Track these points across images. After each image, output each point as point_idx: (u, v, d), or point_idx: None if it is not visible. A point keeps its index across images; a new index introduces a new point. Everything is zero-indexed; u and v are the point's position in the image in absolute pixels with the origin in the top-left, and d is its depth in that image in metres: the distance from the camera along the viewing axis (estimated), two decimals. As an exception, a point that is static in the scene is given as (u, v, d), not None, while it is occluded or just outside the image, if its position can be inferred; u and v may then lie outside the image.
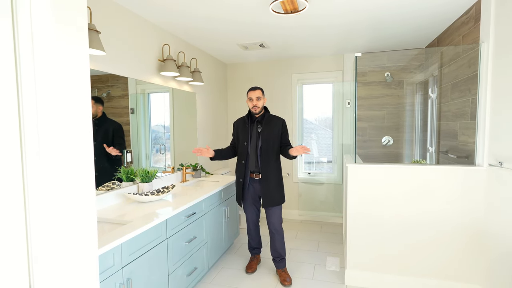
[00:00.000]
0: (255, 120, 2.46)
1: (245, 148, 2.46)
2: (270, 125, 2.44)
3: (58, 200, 0.94)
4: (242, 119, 2.56)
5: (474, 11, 2.18)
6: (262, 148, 2.40)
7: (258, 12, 2.31)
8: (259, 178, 2.44)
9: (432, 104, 3.10)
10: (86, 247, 1.06)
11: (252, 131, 2.46)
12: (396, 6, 2.25)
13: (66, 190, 0.98)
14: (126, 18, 2.22)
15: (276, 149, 2.44)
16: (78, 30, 1.01)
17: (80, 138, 1.03)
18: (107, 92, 2.14)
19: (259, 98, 2.41)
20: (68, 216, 0.98)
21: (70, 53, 0.98)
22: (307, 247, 3.10)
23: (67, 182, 0.98)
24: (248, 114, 2.51)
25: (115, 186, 2.17)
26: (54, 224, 0.93)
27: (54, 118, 0.93)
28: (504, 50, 1.80)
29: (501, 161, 1.81)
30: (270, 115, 2.49)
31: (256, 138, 2.43)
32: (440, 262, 2.15)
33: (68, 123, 0.98)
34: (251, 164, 2.45)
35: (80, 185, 1.03)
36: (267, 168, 2.40)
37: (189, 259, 2.14)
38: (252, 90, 2.43)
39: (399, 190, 2.19)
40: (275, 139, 2.43)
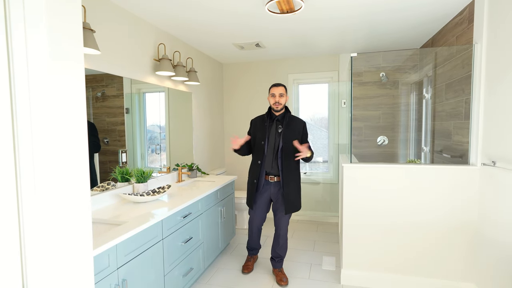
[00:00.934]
0: (275, 119, 2.35)
1: (261, 148, 2.33)
2: (291, 126, 2.34)
3: (53, 201, 0.93)
4: (261, 117, 2.45)
5: (467, 12, 2.20)
6: (284, 149, 2.28)
7: (254, 12, 2.31)
8: (274, 181, 2.35)
9: (426, 104, 3.12)
10: (80, 248, 1.05)
11: (271, 130, 2.35)
12: (391, 9, 2.27)
13: (61, 191, 0.97)
14: (121, 17, 2.20)
15: (297, 151, 2.31)
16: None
17: (75, 141, 1.02)
18: (102, 92, 2.12)
19: (282, 95, 2.30)
20: (63, 217, 0.97)
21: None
22: (303, 246, 3.11)
23: (61, 183, 0.97)
24: (268, 112, 2.41)
25: (110, 186, 2.15)
26: (48, 225, 0.92)
27: (48, 119, 0.92)
28: (497, 51, 1.82)
29: (494, 161, 1.83)
30: (291, 115, 2.39)
31: (275, 138, 2.32)
32: (436, 261, 2.16)
33: (62, 125, 0.97)
34: (267, 165, 2.34)
35: (75, 186, 1.02)
36: (289, 171, 2.29)
37: (185, 260, 2.13)
38: (275, 86, 2.33)
39: (394, 190, 2.21)
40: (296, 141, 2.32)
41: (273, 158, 2.32)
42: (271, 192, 2.39)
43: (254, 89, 4.07)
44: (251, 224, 2.52)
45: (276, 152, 2.32)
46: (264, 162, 2.33)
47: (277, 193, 2.37)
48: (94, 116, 2.07)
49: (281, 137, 2.30)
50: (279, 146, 2.30)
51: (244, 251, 2.97)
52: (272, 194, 2.39)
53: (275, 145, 2.32)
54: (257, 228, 2.53)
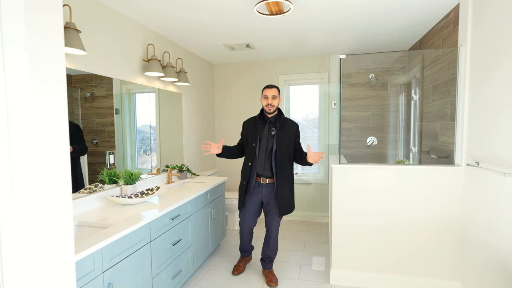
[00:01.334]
0: (267, 121, 2.33)
1: (253, 150, 2.32)
2: (285, 128, 2.32)
3: (31, 206, 0.91)
4: (253, 118, 2.43)
5: (453, 16, 2.24)
6: (278, 151, 2.27)
7: (244, 12, 2.31)
8: (266, 182, 2.33)
9: (415, 105, 3.17)
10: (61, 253, 1.03)
11: (263, 132, 2.33)
12: (378, 12, 2.29)
13: (40, 196, 0.95)
14: (108, 17, 2.17)
15: (291, 154, 2.33)
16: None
17: (55, 145, 1.00)
18: (91, 92, 2.09)
19: (274, 97, 2.28)
20: (43, 222, 0.95)
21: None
22: (293, 247, 3.12)
23: (41, 188, 0.95)
24: (260, 114, 2.39)
25: (97, 188, 2.12)
26: (26, 230, 0.90)
27: (27, 123, 0.90)
28: (481, 54, 1.86)
29: (478, 161, 1.87)
30: (284, 117, 2.37)
31: (267, 140, 2.30)
32: (423, 260, 2.20)
33: (41, 126, 0.95)
34: (259, 166, 2.31)
35: (55, 190, 1.00)
36: (283, 174, 2.28)
37: (173, 262, 2.12)
38: (268, 88, 2.30)
39: (382, 190, 2.23)
40: (290, 143, 2.32)
41: (265, 160, 2.30)
42: (263, 194, 2.36)
43: (245, 90, 4.07)
44: (242, 226, 2.50)
45: (269, 154, 2.30)
46: (255, 164, 2.31)
47: (269, 194, 2.35)
48: (83, 117, 2.03)
49: (275, 139, 2.28)
50: (272, 149, 2.29)
51: (235, 252, 2.97)
52: (264, 196, 2.37)
53: (267, 147, 2.30)
54: (247, 231, 2.51)
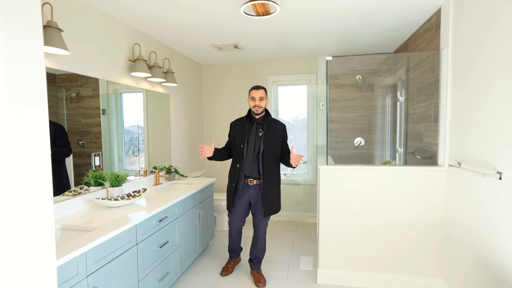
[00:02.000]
0: (255, 122, 2.33)
1: (240, 151, 2.32)
2: (272, 129, 2.32)
3: (7, 208, 0.89)
4: (241, 120, 2.43)
5: (435, 19, 2.30)
6: (265, 153, 2.28)
7: (230, 13, 2.31)
8: (253, 184, 2.34)
9: (400, 106, 3.23)
10: (42, 258, 1.01)
11: (251, 133, 2.33)
12: (363, 14, 2.33)
13: (18, 197, 0.92)
14: (92, 16, 2.14)
15: (277, 155, 2.34)
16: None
17: (35, 143, 0.98)
18: (77, 92, 2.05)
19: (262, 98, 2.27)
20: (20, 226, 0.93)
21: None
22: (282, 247, 3.13)
23: (19, 192, 0.93)
24: (247, 115, 2.38)
25: (82, 191, 2.09)
26: (2, 235, 0.88)
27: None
28: (460, 57, 1.92)
29: (459, 162, 1.92)
30: (272, 118, 2.38)
31: (255, 141, 2.30)
32: (408, 258, 2.24)
33: (19, 124, 0.93)
34: (246, 168, 2.32)
35: (34, 191, 0.98)
36: (270, 175, 2.29)
37: (160, 264, 2.10)
38: (255, 89, 2.29)
39: (368, 191, 2.27)
40: (277, 144, 2.33)
41: (253, 161, 2.31)
42: (251, 195, 2.38)
43: (234, 91, 4.06)
44: (230, 226, 2.50)
45: (256, 155, 2.31)
46: (243, 165, 2.32)
47: (256, 196, 2.36)
48: (68, 117, 1.99)
49: (262, 140, 2.29)
50: (259, 150, 2.29)
51: (224, 253, 2.96)
52: (251, 197, 2.38)
53: (255, 149, 2.30)
54: (236, 231, 2.51)
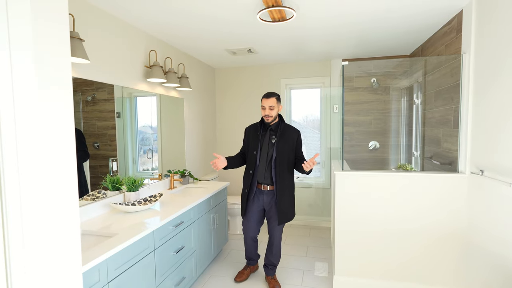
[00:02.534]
0: (268, 129, 2.30)
1: (254, 158, 2.31)
2: (285, 136, 2.29)
3: (39, 217, 0.91)
4: (254, 126, 2.41)
5: (456, 22, 2.24)
6: (277, 160, 2.25)
7: (246, 20, 2.31)
8: (267, 189, 2.32)
9: (417, 109, 3.17)
10: (69, 265, 1.03)
11: (264, 140, 2.30)
12: (381, 18, 2.29)
13: (48, 206, 0.94)
14: (111, 24, 2.17)
15: (291, 161, 2.30)
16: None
17: (62, 150, 1.00)
18: (92, 96, 2.09)
19: (272, 108, 2.22)
20: (50, 234, 0.95)
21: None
22: (296, 252, 3.11)
23: (48, 196, 0.95)
24: (261, 121, 2.37)
25: (100, 195, 2.12)
26: (34, 242, 0.90)
27: (34, 133, 0.90)
28: (485, 61, 1.86)
29: (482, 169, 1.87)
30: (285, 125, 2.34)
31: (268, 148, 2.28)
32: (427, 267, 2.19)
33: (48, 133, 0.95)
34: (259, 174, 2.30)
35: (62, 197, 1.00)
36: (283, 182, 2.26)
37: (177, 269, 2.11)
38: (266, 97, 2.24)
39: (386, 197, 2.23)
40: (290, 151, 2.29)
41: (266, 168, 2.29)
42: (264, 201, 2.36)
43: (247, 94, 4.07)
44: (245, 234, 2.47)
45: (269, 162, 2.28)
46: (256, 172, 2.31)
47: (270, 202, 2.34)
48: (84, 121, 2.04)
49: (275, 147, 2.27)
50: (272, 157, 2.27)
51: (237, 258, 2.96)
52: (265, 203, 2.36)
53: (268, 156, 2.28)
54: (251, 239, 2.48)
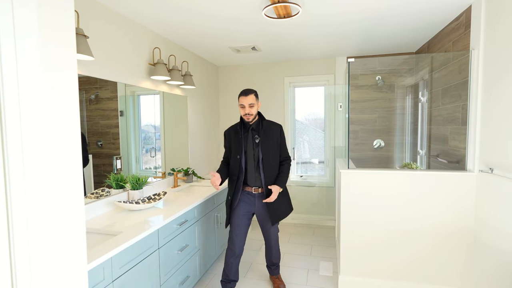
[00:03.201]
0: (249, 129, 2.16)
1: (237, 162, 2.14)
2: (268, 134, 2.16)
3: (45, 216, 0.90)
4: (234, 128, 2.23)
5: (464, 18, 2.21)
6: (264, 161, 2.12)
7: (251, 16, 2.29)
8: (258, 192, 2.17)
9: (422, 107, 3.13)
10: (74, 263, 1.01)
11: (247, 141, 2.15)
12: (387, 14, 2.26)
13: (53, 205, 0.93)
14: (116, 21, 2.16)
15: (277, 159, 2.19)
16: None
17: (68, 152, 0.98)
18: (96, 94, 2.08)
19: (252, 105, 2.09)
20: (56, 233, 0.94)
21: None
22: (300, 251, 3.09)
23: (54, 195, 0.93)
24: (241, 121, 2.21)
25: (104, 193, 2.11)
26: (40, 241, 0.88)
27: (39, 131, 0.88)
28: (494, 57, 1.83)
29: (491, 168, 1.84)
30: (266, 121, 2.21)
31: (253, 149, 2.13)
32: (434, 267, 2.16)
33: (54, 131, 0.93)
34: (250, 179, 2.15)
35: (68, 199, 0.98)
36: (272, 181, 2.15)
37: (181, 268, 2.10)
38: (244, 95, 2.10)
39: (392, 196, 2.20)
40: (275, 149, 2.18)
41: (255, 171, 2.14)
42: (256, 205, 2.19)
43: (250, 92, 4.04)
44: (231, 244, 2.21)
45: (257, 164, 2.14)
46: (241, 177, 2.14)
47: (262, 204, 2.19)
48: (88, 119, 2.03)
49: (260, 148, 2.13)
50: (259, 158, 2.13)
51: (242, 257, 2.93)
52: (256, 207, 2.20)
53: (254, 157, 2.14)
54: (239, 249, 2.21)
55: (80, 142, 1.03)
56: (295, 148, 4.02)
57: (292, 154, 3.99)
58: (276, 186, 2.12)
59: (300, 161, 4.08)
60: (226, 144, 2.29)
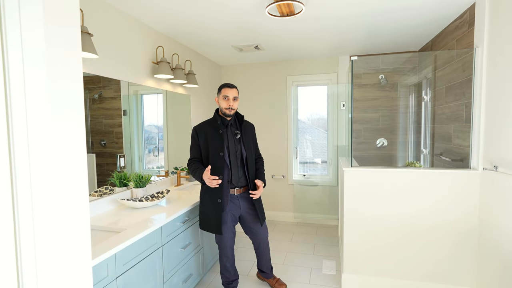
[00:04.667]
0: (228, 124, 2.07)
1: (221, 160, 2.00)
2: (247, 130, 2.14)
3: (50, 213, 0.90)
4: (210, 124, 2.09)
5: (468, 16, 2.19)
6: (248, 157, 2.07)
7: (254, 14, 2.29)
8: (240, 193, 2.10)
9: (426, 106, 3.12)
10: (79, 259, 1.02)
11: (228, 137, 2.05)
12: (390, 9, 2.26)
13: (58, 201, 0.94)
14: (119, 20, 2.17)
15: (254, 157, 2.19)
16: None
17: (73, 147, 0.99)
18: (99, 94, 2.09)
19: (235, 99, 2.04)
20: (61, 229, 0.94)
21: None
22: (303, 250, 3.09)
23: (59, 191, 0.94)
24: (218, 117, 2.07)
25: (108, 191, 2.12)
26: (45, 237, 0.89)
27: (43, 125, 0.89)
28: (499, 54, 1.82)
29: (496, 165, 1.83)
30: (244, 118, 2.17)
31: (235, 145, 2.06)
32: (436, 265, 2.15)
33: (59, 131, 0.94)
34: (234, 178, 2.04)
35: (73, 195, 0.99)
36: (253, 179, 2.13)
37: (184, 266, 2.11)
38: (229, 87, 2.03)
39: (395, 194, 2.19)
40: (252, 146, 2.16)
41: (239, 168, 2.06)
42: (241, 207, 2.11)
43: (252, 92, 4.05)
44: (223, 248, 2.15)
45: (240, 161, 2.07)
46: (226, 176, 2.02)
47: (248, 205, 2.12)
48: (91, 118, 2.04)
49: (242, 144, 2.07)
50: (242, 155, 2.07)
51: (244, 255, 2.94)
52: (242, 209, 2.11)
53: (237, 154, 2.06)
54: (231, 250, 2.18)
55: (85, 140, 1.04)
56: (297, 148, 4.01)
57: (295, 153, 3.99)
58: (261, 181, 2.11)
59: (303, 160, 4.08)
60: (199, 142, 2.10)
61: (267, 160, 3.98)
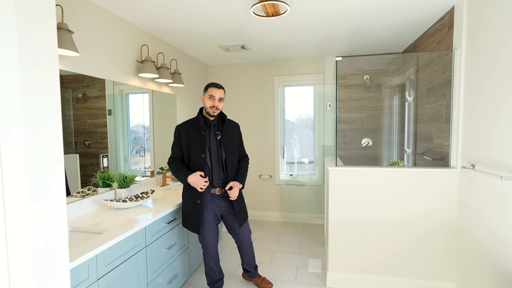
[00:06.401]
0: (210, 125, 2.06)
1: (202, 161, 2.00)
2: (229, 131, 2.12)
3: (24, 212, 0.88)
4: (192, 124, 2.08)
5: (447, 19, 2.26)
6: (227, 159, 2.07)
7: (239, 14, 2.29)
8: (222, 193, 2.10)
9: (409, 107, 3.19)
10: (55, 261, 1.00)
11: (210, 139, 2.05)
12: (376, 14, 2.30)
13: (33, 198, 0.91)
14: (102, 17, 2.13)
15: (237, 158, 2.18)
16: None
17: (48, 144, 0.97)
18: (83, 93, 2.05)
19: (221, 100, 2.03)
20: (36, 229, 0.92)
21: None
22: (289, 249, 3.11)
23: (32, 188, 0.91)
24: (201, 117, 2.06)
25: (90, 192, 2.08)
26: (19, 237, 0.86)
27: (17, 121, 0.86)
28: (476, 57, 1.88)
29: (473, 164, 1.89)
30: (227, 119, 2.15)
31: (217, 147, 2.06)
32: (418, 262, 2.21)
33: (34, 126, 0.92)
34: (215, 178, 2.05)
35: (48, 193, 0.97)
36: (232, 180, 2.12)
37: (169, 267, 2.08)
38: (216, 87, 2.01)
39: (378, 192, 2.24)
40: (235, 148, 2.15)
41: (220, 170, 2.07)
42: (222, 207, 2.12)
43: (240, 92, 4.05)
44: (207, 247, 2.14)
45: (221, 163, 2.07)
46: (209, 177, 2.04)
47: (228, 206, 2.14)
48: (75, 118, 2.00)
49: (222, 146, 2.06)
50: (222, 157, 2.06)
51: (231, 255, 2.94)
52: (223, 209, 2.13)
53: (218, 155, 2.06)
54: (214, 249, 2.17)
55: (61, 135, 1.02)
56: (285, 148, 4.04)
57: (282, 153, 4.01)
58: (236, 182, 2.08)
59: (290, 160, 4.10)
60: (180, 142, 2.09)
61: (254, 160, 3.98)
